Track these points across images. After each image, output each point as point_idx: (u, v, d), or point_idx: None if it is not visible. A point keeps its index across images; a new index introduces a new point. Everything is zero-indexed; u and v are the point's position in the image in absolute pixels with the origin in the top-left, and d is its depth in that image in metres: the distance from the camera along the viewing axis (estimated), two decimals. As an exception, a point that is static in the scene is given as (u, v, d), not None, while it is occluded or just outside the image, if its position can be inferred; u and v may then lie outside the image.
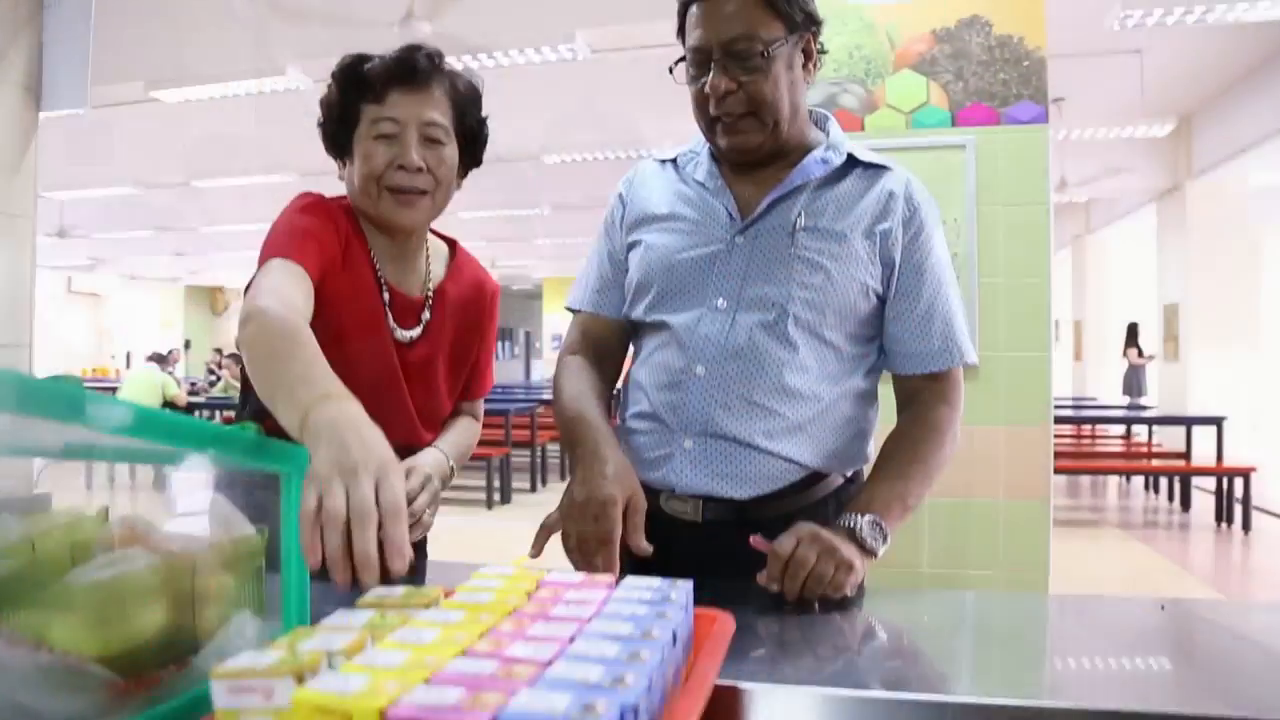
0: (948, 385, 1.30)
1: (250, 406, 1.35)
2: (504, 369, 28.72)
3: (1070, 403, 9.98)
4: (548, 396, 8.39)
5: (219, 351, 16.46)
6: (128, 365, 20.92)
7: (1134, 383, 12.14)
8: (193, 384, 11.32)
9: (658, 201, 1.37)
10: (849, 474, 1.34)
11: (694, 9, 1.24)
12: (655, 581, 0.74)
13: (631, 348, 1.44)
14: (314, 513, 0.74)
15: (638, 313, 1.35)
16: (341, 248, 1.30)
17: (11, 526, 0.78)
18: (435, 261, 1.47)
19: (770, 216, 1.28)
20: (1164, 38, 6.27)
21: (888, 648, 1.06)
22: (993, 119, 2.43)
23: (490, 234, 15.40)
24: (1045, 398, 2.41)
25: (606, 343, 1.40)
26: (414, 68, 1.30)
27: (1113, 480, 8.29)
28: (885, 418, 1.37)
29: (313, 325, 1.10)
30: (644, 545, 1.13)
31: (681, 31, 1.27)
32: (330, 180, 1.43)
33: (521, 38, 5.40)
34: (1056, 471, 5.18)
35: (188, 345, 21.94)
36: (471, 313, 1.49)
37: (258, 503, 0.87)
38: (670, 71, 1.28)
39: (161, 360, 8.99)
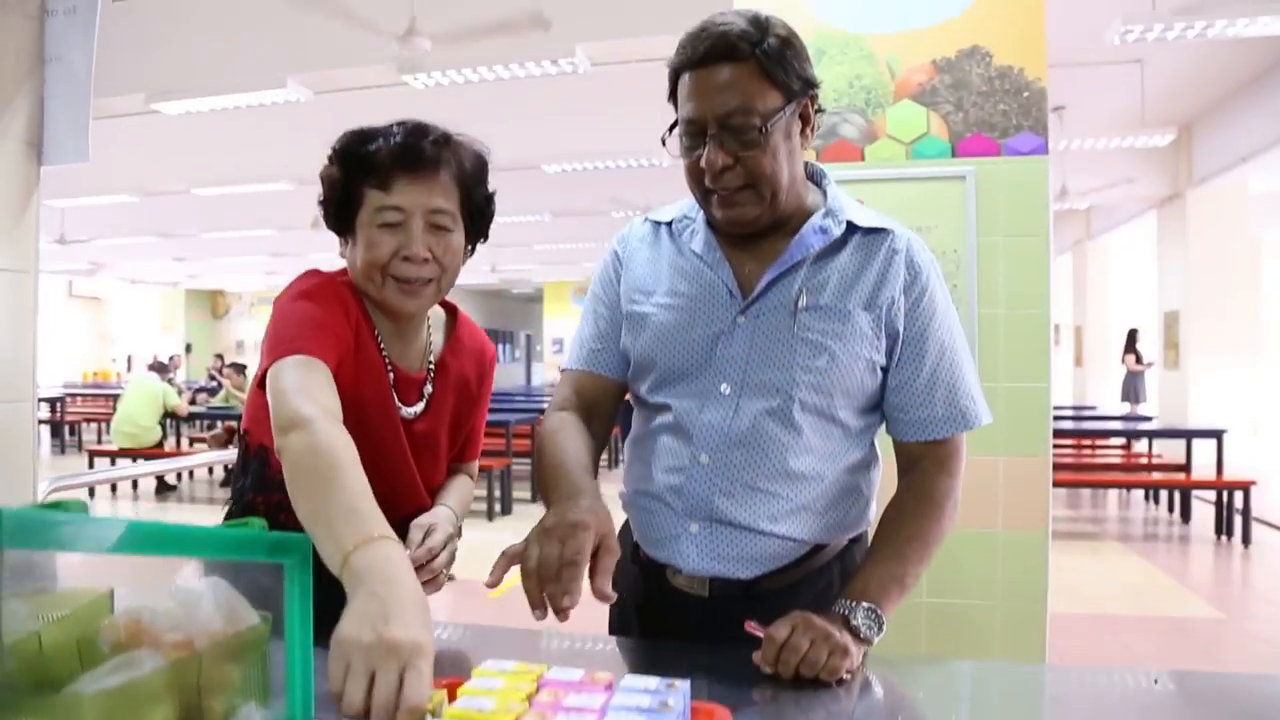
0: (949, 453, 1.28)
1: (253, 476, 1.36)
2: (505, 372, 28.69)
3: (1071, 412, 9.96)
4: (547, 406, 8.38)
5: (220, 358, 16.47)
6: (129, 369, 20.94)
7: (1133, 389, 12.15)
8: (195, 390, 11.31)
9: (655, 272, 1.33)
10: (853, 536, 1.34)
11: (686, 77, 1.19)
12: (652, 683, 0.75)
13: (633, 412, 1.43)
14: (340, 682, 0.77)
15: (641, 391, 1.34)
16: (353, 333, 1.28)
17: (18, 612, 0.79)
18: (435, 331, 1.45)
19: (771, 294, 1.24)
20: (1165, 48, 6.28)
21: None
22: (993, 150, 2.43)
23: (491, 239, 15.40)
24: (1045, 428, 2.41)
25: (599, 403, 1.36)
26: (420, 154, 1.26)
27: (1113, 491, 8.29)
28: (886, 467, 1.37)
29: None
30: (608, 591, 1.05)
31: (673, 96, 1.23)
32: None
33: (523, 52, 5.40)
34: (1056, 485, 5.19)
35: (189, 349, 21.96)
36: (472, 383, 1.48)
37: (260, 586, 0.87)
38: (663, 143, 1.24)
39: (162, 369, 8.99)
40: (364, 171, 1.27)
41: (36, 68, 1.38)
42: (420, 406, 1.38)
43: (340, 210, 1.31)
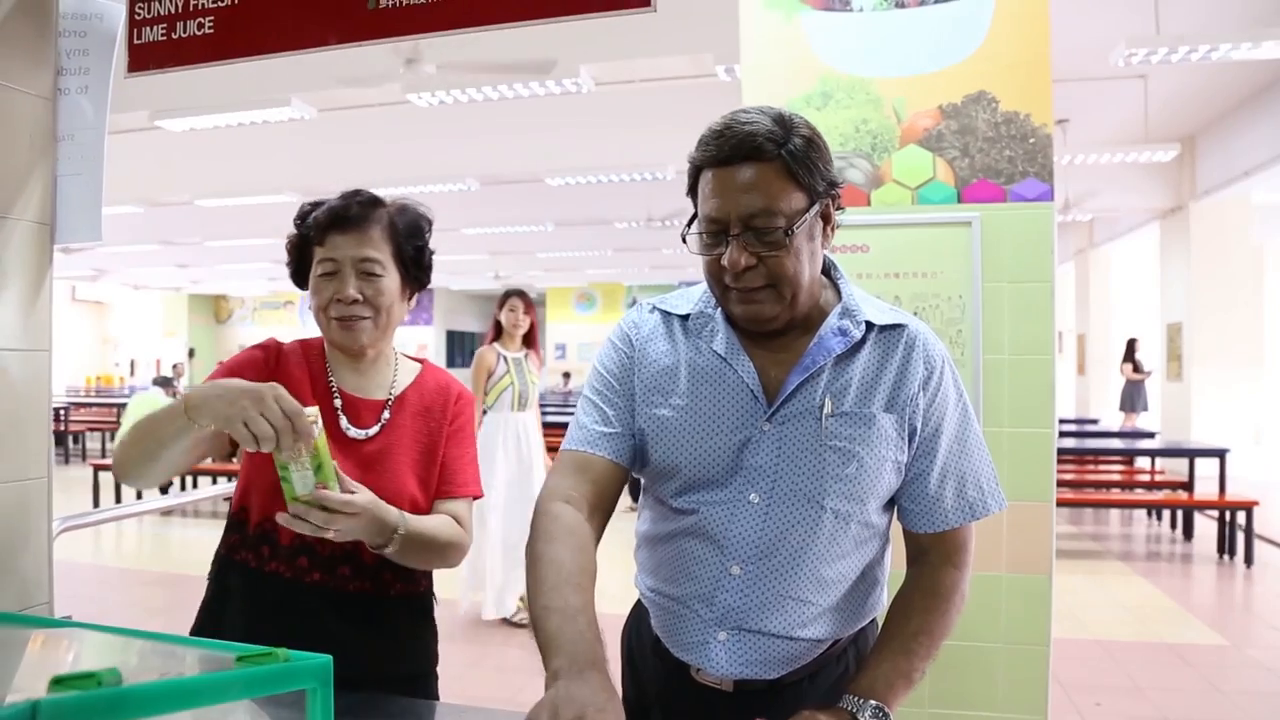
0: (956, 545, 1.28)
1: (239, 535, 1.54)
2: (506, 376, 28.69)
3: (1073, 427, 9.96)
4: (551, 417, 8.38)
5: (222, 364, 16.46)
6: (132, 373, 20.97)
7: (1131, 399, 12.16)
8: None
9: (673, 372, 1.29)
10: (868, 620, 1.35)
11: (709, 174, 1.18)
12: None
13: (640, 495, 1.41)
14: None
15: (663, 495, 1.30)
16: (270, 367, 1.52)
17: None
18: (403, 374, 1.63)
19: (796, 400, 1.22)
20: (1168, 65, 6.29)
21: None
22: (998, 196, 2.44)
23: (495, 248, 15.47)
24: (1049, 473, 2.42)
25: (604, 490, 1.28)
26: (348, 213, 1.48)
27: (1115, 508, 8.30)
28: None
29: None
30: None
31: (692, 191, 1.23)
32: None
33: (528, 73, 5.42)
34: (1058, 504, 5.18)
35: (191, 354, 21.98)
36: (435, 412, 1.60)
37: (285, 703, 0.89)
38: (684, 240, 1.23)
39: (166, 384, 8.99)
40: (312, 233, 1.51)
41: (49, 147, 1.39)
42: (374, 429, 1.54)
43: (299, 268, 1.56)
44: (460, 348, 25.55)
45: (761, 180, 1.14)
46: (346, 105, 6.67)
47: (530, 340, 4.94)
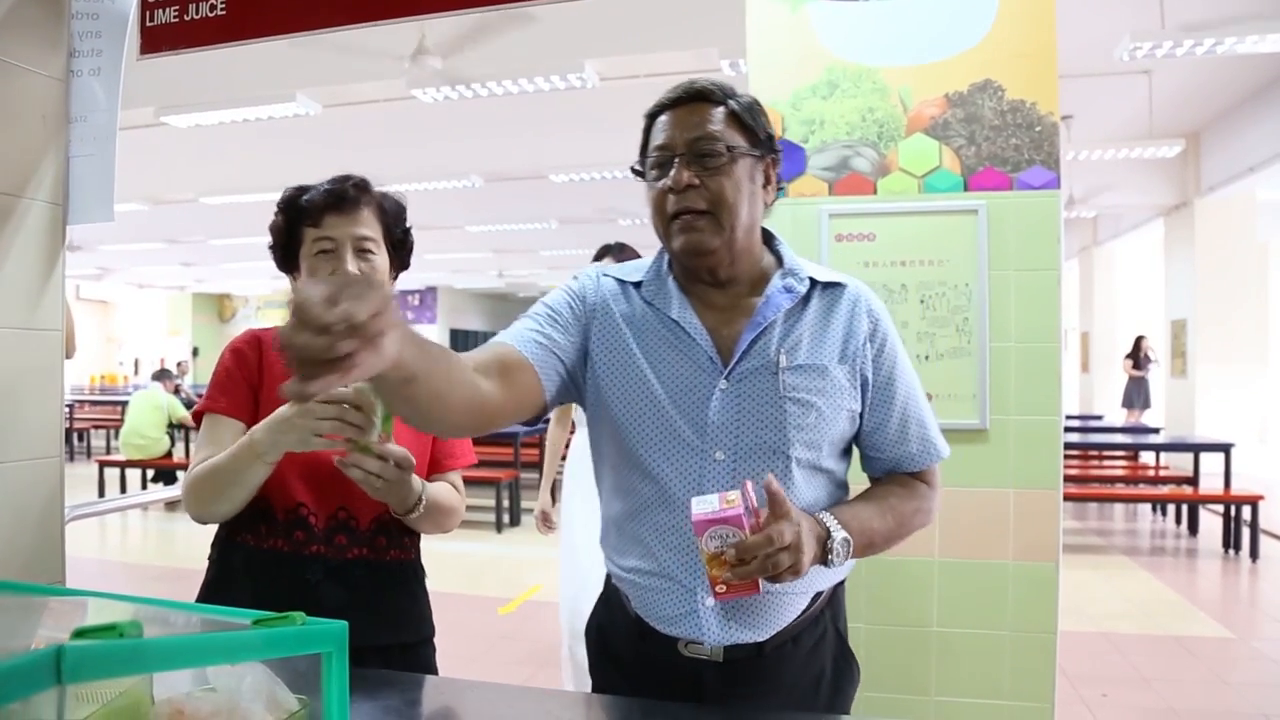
0: (928, 477, 1.40)
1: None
2: (510, 375, 28.66)
3: (1078, 423, 9.95)
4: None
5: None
6: (136, 372, 21.01)
7: (1133, 395, 12.15)
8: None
9: (633, 336, 1.32)
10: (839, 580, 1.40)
11: (662, 118, 1.29)
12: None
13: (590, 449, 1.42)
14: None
15: (631, 467, 1.30)
16: (258, 363, 1.56)
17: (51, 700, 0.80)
18: None
19: (750, 356, 1.27)
20: (1173, 60, 6.28)
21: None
22: (1004, 184, 2.44)
23: (499, 245, 15.47)
24: (1055, 461, 2.42)
25: (513, 377, 1.23)
26: (344, 195, 1.53)
27: (1120, 503, 8.29)
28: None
29: (261, 410, 1.48)
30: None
31: (644, 150, 1.32)
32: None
33: (532, 69, 5.43)
34: (1063, 499, 5.17)
35: (195, 353, 22.02)
36: None
37: (298, 670, 0.90)
38: (633, 171, 1.34)
39: (165, 376, 8.98)
40: (301, 215, 1.54)
41: (62, 128, 1.40)
42: None
43: (286, 251, 1.58)
44: (464, 347, 25.42)
45: (709, 117, 1.26)
46: (351, 101, 6.68)
47: None
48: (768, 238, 1.39)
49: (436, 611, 1.68)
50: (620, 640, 1.38)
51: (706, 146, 1.24)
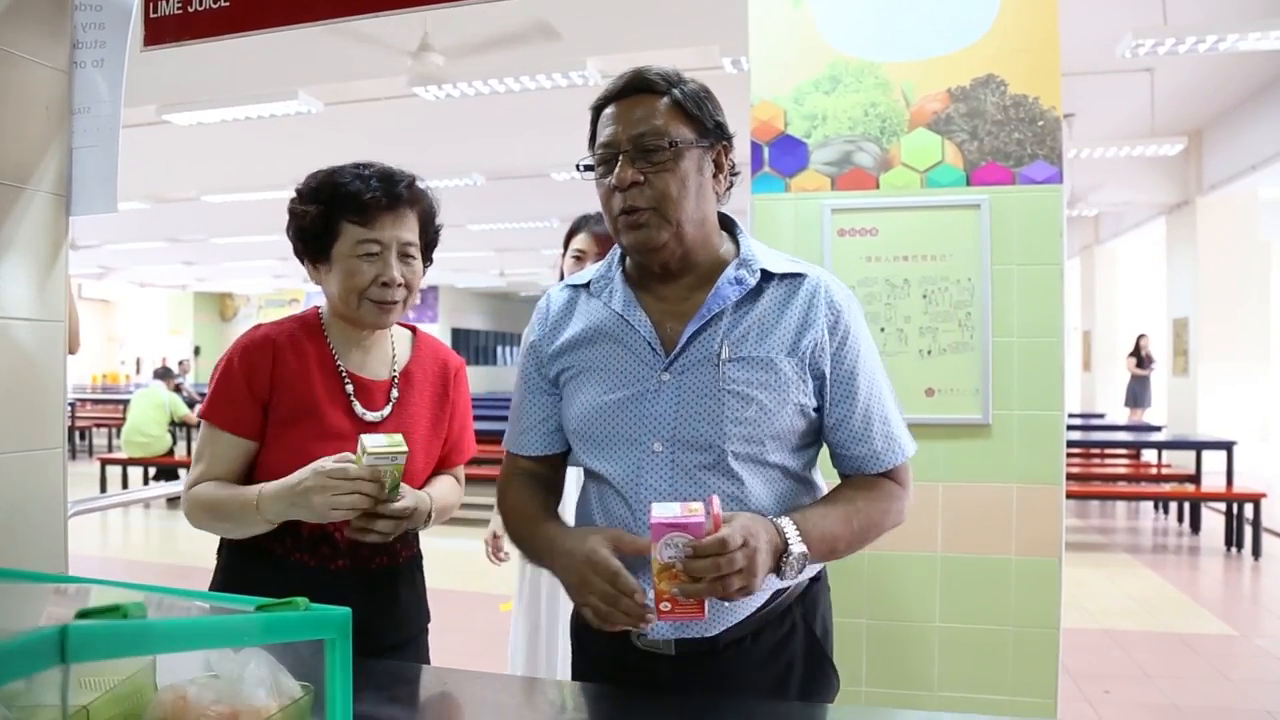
0: (898, 476, 1.34)
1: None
2: (512, 375, 28.70)
3: (1079, 421, 9.95)
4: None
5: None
6: (138, 371, 21.03)
7: (1135, 394, 12.14)
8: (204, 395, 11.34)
9: (576, 334, 1.35)
10: (803, 582, 1.34)
11: (607, 110, 1.28)
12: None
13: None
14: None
15: (581, 458, 1.36)
16: (270, 371, 1.50)
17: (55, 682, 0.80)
18: (400, 346, 1.65)
19: (693, 349, 1.26)
20: (1175, 58, 6.28)
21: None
22: (1007, 179, 2.44)
23: (500, 244, 15.47)
24: (1058, 457, 2.42)
25: (543, 475, 1.43)
26: (398, 196, 1.49)
27: (1121, 500, 8.29)
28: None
29: (275, 421, 1.48)
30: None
31: (591, 143, 1.32)
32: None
33: (534, 66, 5.43)
34: (1067, 497, 5.18)
35: (197, 351, 22.04)
36: (439, 388, 1.65)
37: (301, 656, 0.90)
38: (578, 168, 1.33)
39: (167, 375, 8.99)
40: (346, 208, 1.47)
41: (65, 119, 1.40)
42: (386, 410, 1.57)
43: (319, 240, 1.50)
44: (466, 346, 25.57)
45: (652, 111, 1.24)
46: (353, 99, 6.68)
47: None
48: (729, 225, 1.38)
49: (438, 609, 1.69)
50: (587, 629, 1.33)
51: (649, 142, 1.23)
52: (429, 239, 1.59)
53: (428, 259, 1.62)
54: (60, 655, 0.54)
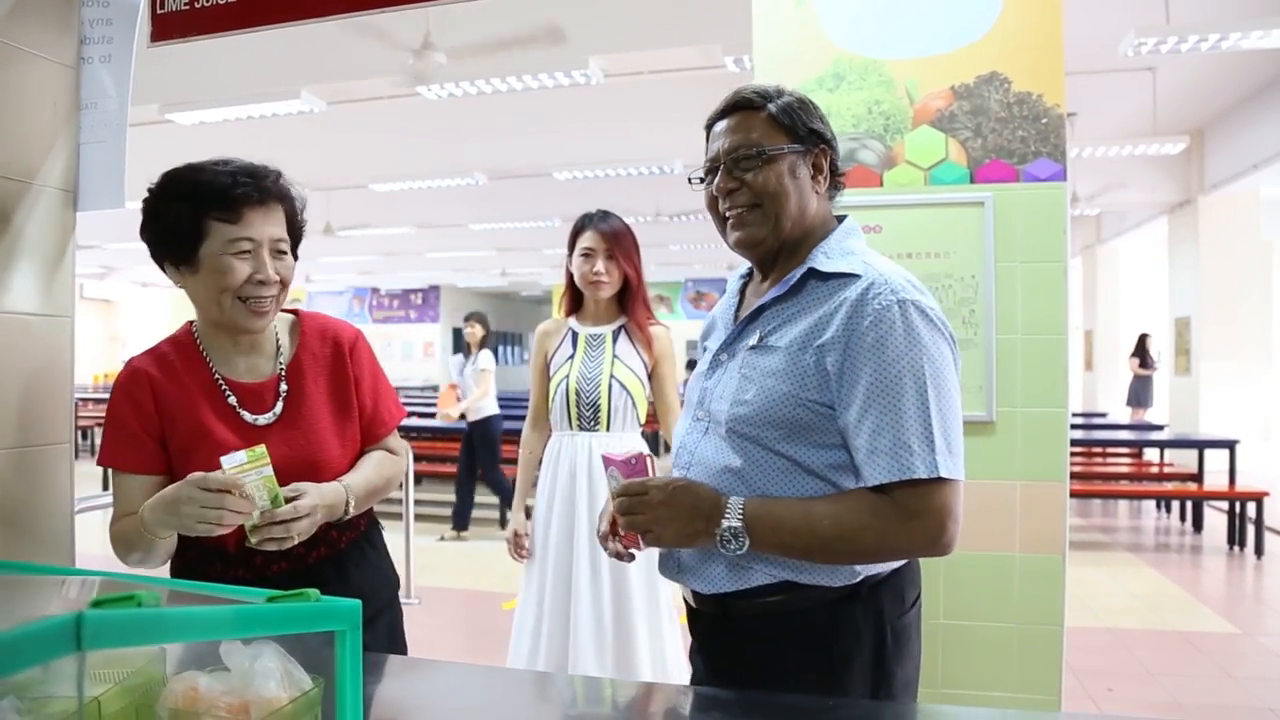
0: (902, 500, 1.23)
1: None
2: (515, 374, 28.72)
3: (1081, 420, 9.94)
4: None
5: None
6: (139, 371, 20.97)
7: (1138, 394, 12.13)
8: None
9: (708, 321, 1.58)
10: (843, 586, 1.30)
11: (714, 128, 1.40)
12: None
13: None
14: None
15: None
16: (154, 407, 1.46)
17: (68, 672, 0.81)
18: (284, 336, 1.60)
19: (743, 335, 1.39)
20: (1177, 56, 6.27)
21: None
22: (1011, 176, 2.44)
23: (502, 243, 15.48)
24: (1062, 453, 2.42)
25: None
26: (267, 191, 1.45)
27: (1123, 499, 8.29)
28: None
29: (174, 452, 1.44)
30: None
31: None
32: (342, 194, 1.53)
33: (537, 65, 5.43)
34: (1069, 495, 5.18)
35: (198, 351, 22.01)
36: (334, 368, 1.60)
37: (311, 649, 0.90)
38: (690, 181, 1.46)
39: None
40: (213, 205, 1.40)
41: (73, 115, 1.40)
42: (278, 409, 1.53)
43: (185, 241, 1.43)
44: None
45: (748, 123, 1.36)
46: (356, 98, 6.68)
47: (628, 303, 2.86)
48: (835, 227, 1.43)
49: (440, 607, 1.69)
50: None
51: (743, 153, 1.34)
52: (297, 234, 1.55)
53: (295, 253, 1.56)
54: (76, 643, 0.54)
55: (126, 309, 22.05)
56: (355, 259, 17.38)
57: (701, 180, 1.44)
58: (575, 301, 2.88)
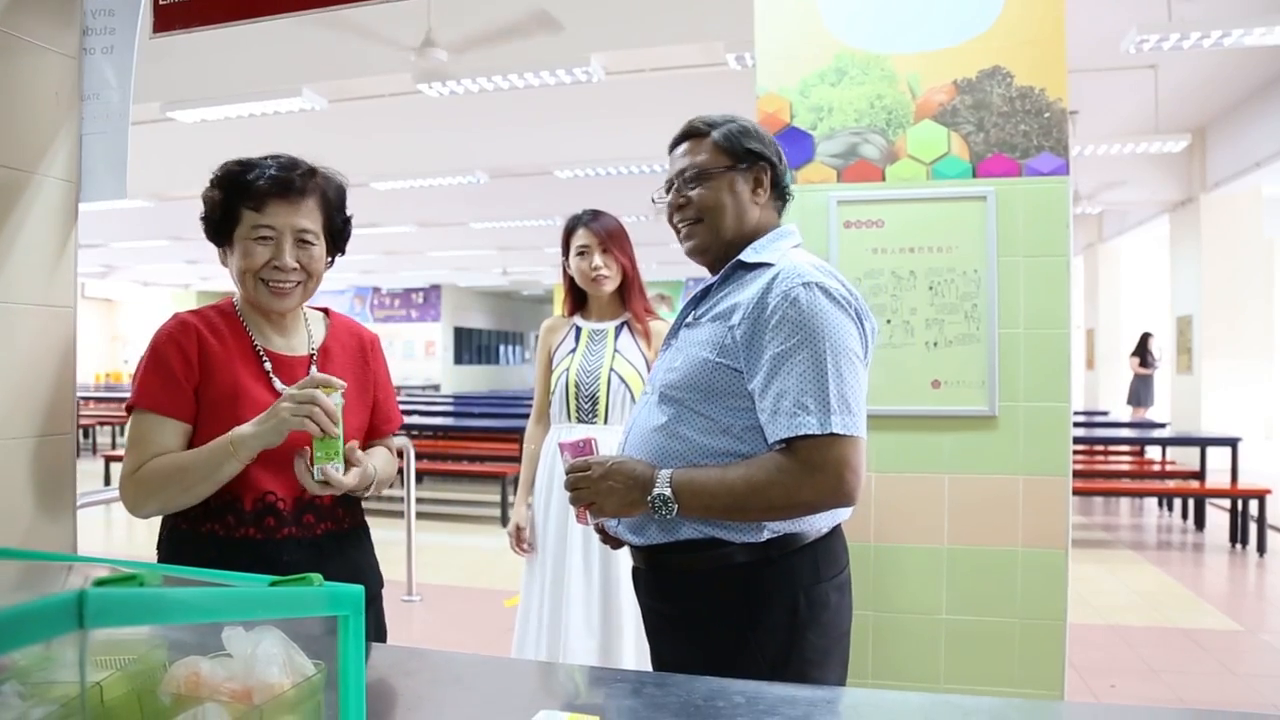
0: (804, 455, 1.37)
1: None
2: (516, 373, 28.74)
3: (1083, 418, 9.94)
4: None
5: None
6: (140, 370, 20.98)
7: (1139, 393, 12.12)
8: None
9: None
10: (756, 544, 1.45)
11: (673, 151, 1.62)
12: None
13: None
14: None
15: None
16: (197, 357, 1.53)
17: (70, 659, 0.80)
18: (315, 327, 1.72)
19: (685, 318, 1.61)
20: (1179, 54, 6.27)
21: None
22: (1013, 170, 2.44)
23: (503, 242, 15.48)
24: (1065, 448, 2.42)
25: None
26: (290, 184, 1.53)
27: (1125, 497, 8.28)
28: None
29: (205, 404, 1.50)
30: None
31: None
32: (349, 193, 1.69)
33: (538, 62, 5.43)
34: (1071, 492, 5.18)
35: (200, 350, 22.03)
36: (358, 360, 1.72)
37: (312, 635, 0.90)
38: (653, 200, 1.68)
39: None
40: (242, 195, 1.52)
41: (75, 105, 1.40)
42: None
43: (221, 225, 1.56)
44: (468, 345, 25.59)
45: (694, 148, 1.58)
46: (357, 96, 6.68)
47: (627, 296, 2.80)
48: (778, 235, 1.62)
49: (441, 606, 1.71)
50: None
51: (689, 174, 1.57)
52: (334, 227, 1.63)
53: (338, 248, 1.67)
54: (78, 620, 0.54)
55: (128, 309, 22.05)
56: (356, 258, 17.39)
57: (664, 197, 1.64)
58: (577, 301, 2.89)
